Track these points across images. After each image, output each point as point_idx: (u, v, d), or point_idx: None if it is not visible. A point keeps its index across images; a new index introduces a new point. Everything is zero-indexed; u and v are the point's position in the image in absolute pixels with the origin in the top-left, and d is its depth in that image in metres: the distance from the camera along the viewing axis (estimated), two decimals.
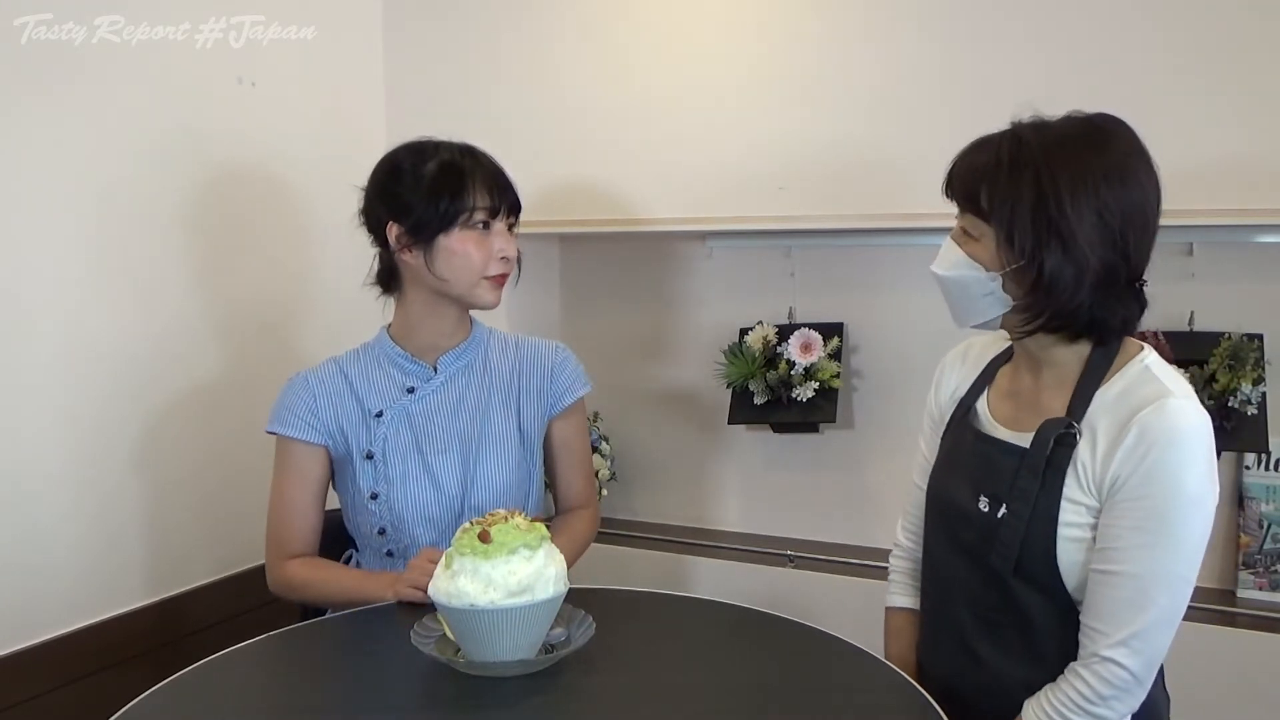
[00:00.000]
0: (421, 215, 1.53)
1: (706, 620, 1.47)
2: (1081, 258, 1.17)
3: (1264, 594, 1.92)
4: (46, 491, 1.77)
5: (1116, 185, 1.18)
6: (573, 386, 1.70)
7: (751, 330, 2.29)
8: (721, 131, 2.12)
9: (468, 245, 1.54)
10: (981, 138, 1.27)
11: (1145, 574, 1.16)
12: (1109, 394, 1.22)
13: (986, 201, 1.21)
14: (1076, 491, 1.21)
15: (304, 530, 1.61)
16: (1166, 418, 1.16)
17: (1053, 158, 1.18)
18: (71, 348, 1.80)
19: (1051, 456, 1.22)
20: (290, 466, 1.60)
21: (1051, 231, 1.17)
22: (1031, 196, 1.18)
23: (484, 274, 1.56)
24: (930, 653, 1.42)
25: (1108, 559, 1.18)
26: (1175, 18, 1.80)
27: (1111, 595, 1.18)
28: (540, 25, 2.26)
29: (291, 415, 1.59)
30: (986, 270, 1.23)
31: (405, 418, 1.60)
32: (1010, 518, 1.24)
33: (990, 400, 1.37)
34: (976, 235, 1.24)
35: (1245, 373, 1.84)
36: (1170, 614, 1.18)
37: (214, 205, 2.05)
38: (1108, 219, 1.18)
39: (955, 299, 1.29)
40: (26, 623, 1.74)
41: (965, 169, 1.25)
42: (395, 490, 1.58)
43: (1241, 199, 1.76)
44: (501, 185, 1.57)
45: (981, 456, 1.32)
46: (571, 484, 1.73)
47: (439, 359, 1.63)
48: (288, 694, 1.30)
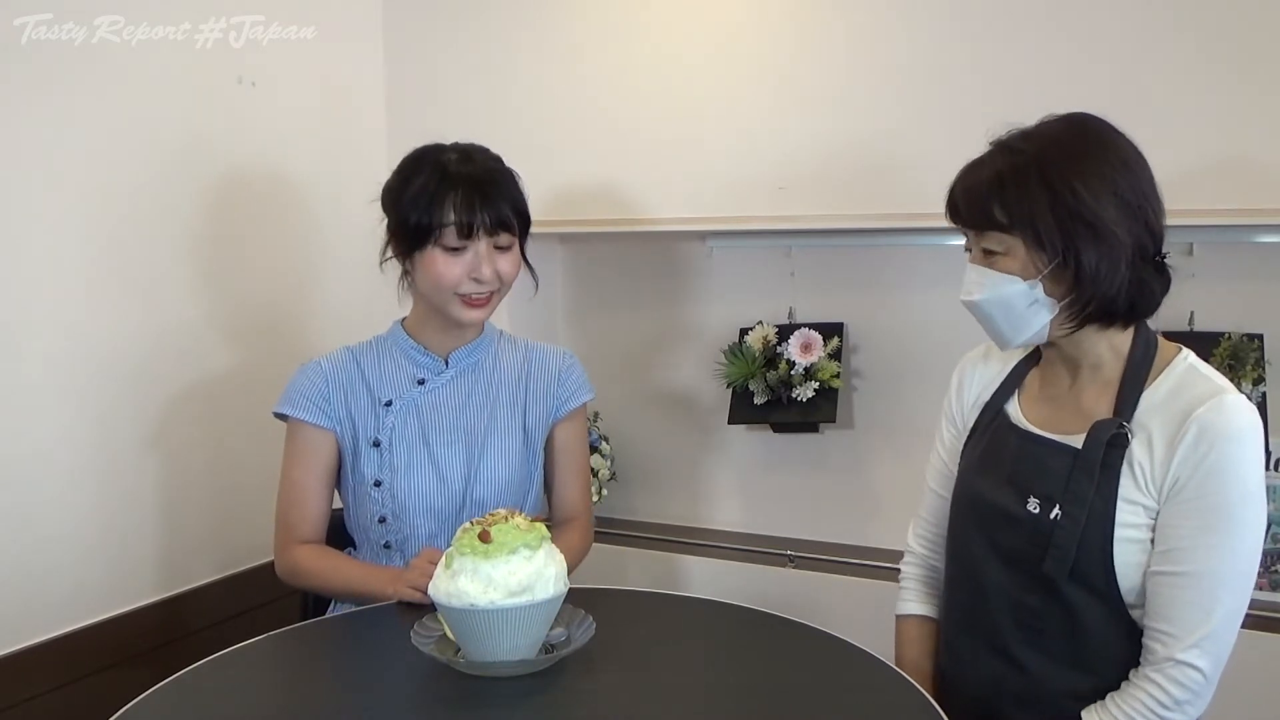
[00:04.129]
0: (398, 229, 1.55)
1: (706, 620, 1.47)
2: (1114, 239, 1.18)
3: (1264, 594, 1.92)
4: (49, 491, 1.77)
5: (1120, 166, 1.20)
6: (578, 392, 1.71)
7: (751, 330, 2.29)
8: (722, 132, 2.12)
9: (437, 265, 1.53)
10: (972, 161, 1.27)
11: (1212, 573, 1.15)
12: (1157, 394, 1.22)
13: (1003, 214, 1.21)
14: (1134, 492, 1.20)
15: (312, 515, 1.61)
16: (1225, 414, 1.16)
17: (1052, 155, 1.19)
18: (72, 347, 1.80)
19: (1105, 458, 1.21)
20: (299, 449, 1.61)
21: (1077, 221, 1.18)
22: (1046, 195, 1.18)
23: (455, 291, 1.55)
24: (957, 662, 1.39)
25: (1173, 560, 1.17)
26: (1175, 18, 1.79)
27: (1179, 597, 1.17)
28: (540, 25, 2.26)
29: (303, 398, 1.60)
30: (1024, 280, 1.22)
31: (414, 408, 1.61)
32: (1065, 520, 1.22)
33: (1022, 403, 1.36)
34: (1003, 250, 1.23)
35: (1245, 373, 1.84)
36: (1236, 612, 1.18)
37: (214, 205, 2.05)
38: (1126, 197, 1.19)
39: (999, 320, 1.26)
40: (27, 622, 1.74)
41: (968, 191, 1.25)
42: (399, 478, 1.58)
43: (1241, 199, 1.76)
44: (487, 201, 1.53)
45: (1031, 458, 1.30)
46: (568, 491, 1.73)
47: (451, 354, 1.64)
48: (288, 694, 1.30)
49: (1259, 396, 1.85)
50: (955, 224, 1.28)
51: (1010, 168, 1.21)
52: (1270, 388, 1.87)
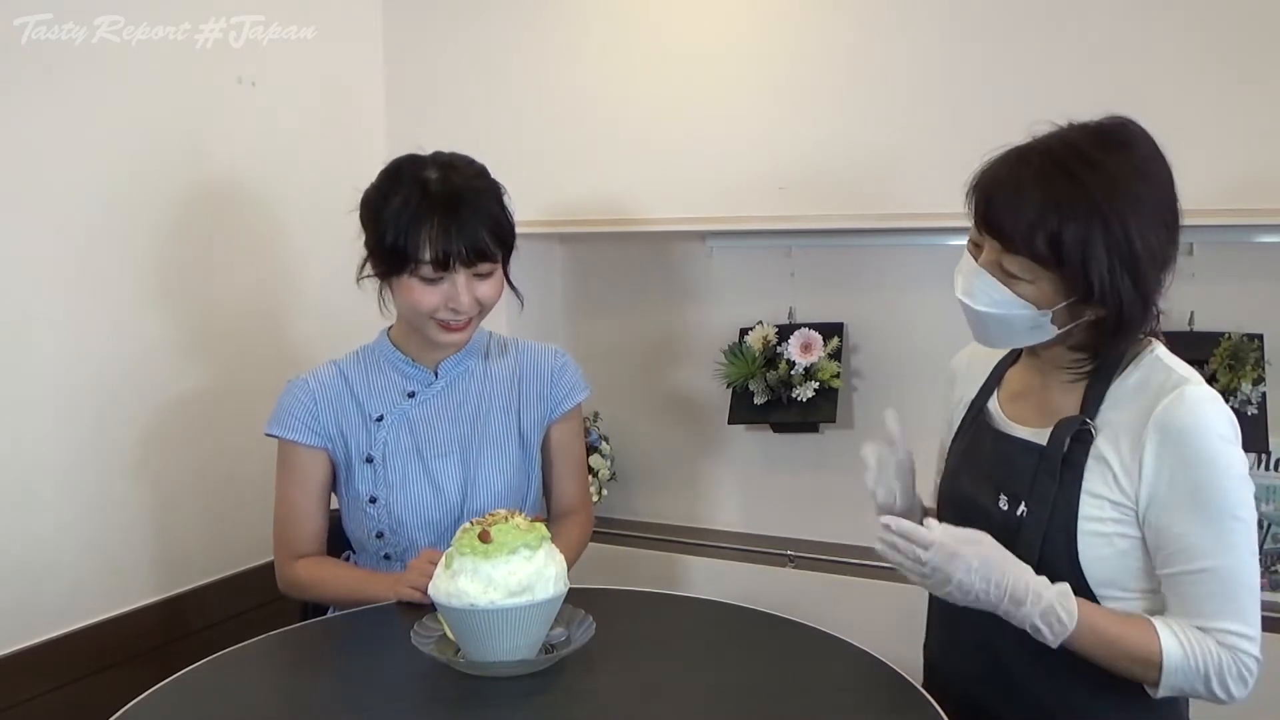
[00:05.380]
0: (375, 254, 1.53)
1: (706, 620, 1.47)
2: (1147, 285, 1.17)
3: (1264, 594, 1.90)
4: (47, 491, 1.77)
5: (1158, 197, 1.18)
6: (572, 392, 1.70)
7: (751, 330, 2.29)
8: (722, 132, 2.12)
9: (414, 292, 1.51)
10: (1010, 161, 1.20)
11: (1224, 564, 1.16)
12: (1125, 385, 1.23)
13: (1048, 249, 1.15)
14: (1099, 485, 1.21)
15: (309, 532, 1.61)
16: (1182, 409, 1.16)
17: (1112, 194, 1.14)
18: (72, 346, 1.80)
19: (1068, 454, 1.22)
20: (291, 470, 1.60)
21: (1124, 268, 1.15)
22: (1103, 242, 1.14)
23: (432, 317, 1.53)
24: (943, 656, 1.41)
25: (1181, 560, 1.17)
26: (1176, 18, 1.79)
27: (1202, 592, 1.17)
28: (541, 26, 2.26)
29: (291, 418, 1.59)
30: (1038, 309, 1.20)
31: (405, 422, 1.60)
32: (1029, 516, 1.23)
33: (1000, 401, 1.37)
34: (1030, 279, 1.19)
35: (1245, 373, 1.84)
36: (1256, 589, 1.18)
37: (214, 205, 2.05)
38: (1159, 238, 1.17)
39: (993, 329, 1.25)
40: (27, 623, 1.74)
41: (1014, 210, 1.17)
42: (395, 494, 1.57)
43: (1241, 199, 1.76)
44: (463, 233, 1.47)
45: (1002, 455, 1.31)
46: (566, 488, 1.73)
47: (439, 364, 1.63)
48: (288, 694, 1.30)
49: (1259, 396, 1.85)
50: (982, 228, 1.21)
51: (1066, 201, 1.14)
52: (1270, 388, 1.87)
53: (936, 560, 1.17)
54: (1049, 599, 1.16)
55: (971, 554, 1.17)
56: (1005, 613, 1.18)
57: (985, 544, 1.18)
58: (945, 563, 1.16)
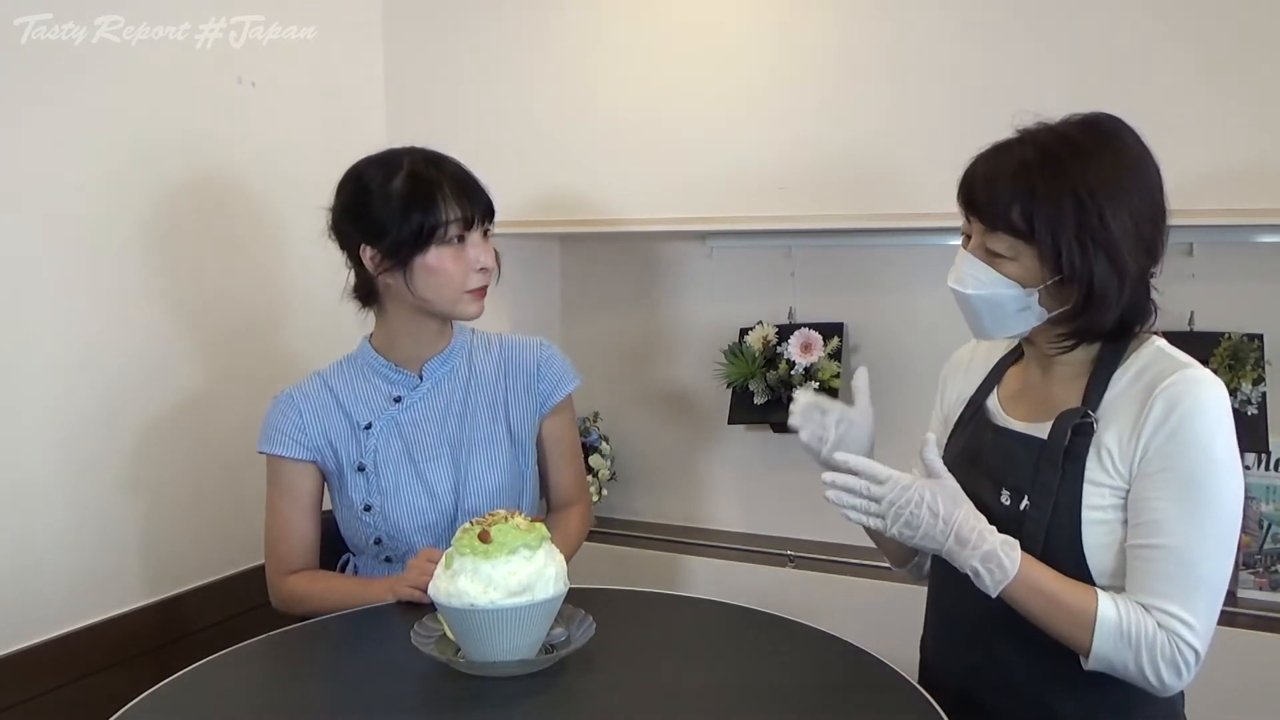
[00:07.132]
0: (396, 237, 1.50)
1: (706, 620, 1.47)
2: (1123, 265, 1.18)
3: (1264, 594, 1.92)
4: (45, 491, 1.77)
5: (1141, 186, 1.20)
6: (560, 383, 1.69)
7: (751, 330, 2.29)
8: (722, 132, 2.12)
9: (445, 262, 1.51)
10: (995, 148, 1.24)
11: (1186, 546, 1.15)
12: (1125, 376, 1.23)
13: (1023, 220, 1.19)
14: (1099, 474, 1.21)
15: (301, 546, 1.60)
16: (1189, 385, 1.17)
17: (1086, 170, 1.18)
18: (69, 346, 1.80)
19: (1070, 446, 1.22)
20: (281, 485, 1.60)
21: (1097, 244, 1.17)
22: (1074, 213, 1.17)
23: (465, 288, 1.54)
24: (939, 652, 1.42)
25: (1146, 533, 1.17)
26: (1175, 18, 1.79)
27: (1156, 570, 1.16)
28: (540, 25, 2.25)
29: (279, 434, 1.58)
30: (1024, 288, 1.22)
31: (394, 428, 1.60)
32: (1033, 510, 1.24)
33: (1000, 398, 1.38)
34: (1012, 255, 1.22)
35: (1245, 373, 1.84)
36: (1217, 585, 1.16)
37: (214, 206, 2.05)
38: (1139, 222, 1.19)
39: (985, 315, 1.27)
40: (26, 623, 1.74)
41: (990, 183, 1.22)
42: (389, 501, 1.57)
43: (1241, 199, 1.76)
44: (472, 192, 1.53)
45: (1003, 451, 1.31)
46: (562, 479, 1.73)
47: (423, 366, 1.62)
48: (288, 694, 1.30)
49: (1259, 396, 1.85)
50: (965, 211, 1.26)
51: (1041, 173, 1.18)
52: (1270, 388, 1.87)
53: (892, 494, 1.19)
54: (993, 543, 1.17)
55: (925, 485, 1.19)
56: (949, 552, 1.19)
57: (945, 481, 1.21)
58: (899, 495, 1.19)
